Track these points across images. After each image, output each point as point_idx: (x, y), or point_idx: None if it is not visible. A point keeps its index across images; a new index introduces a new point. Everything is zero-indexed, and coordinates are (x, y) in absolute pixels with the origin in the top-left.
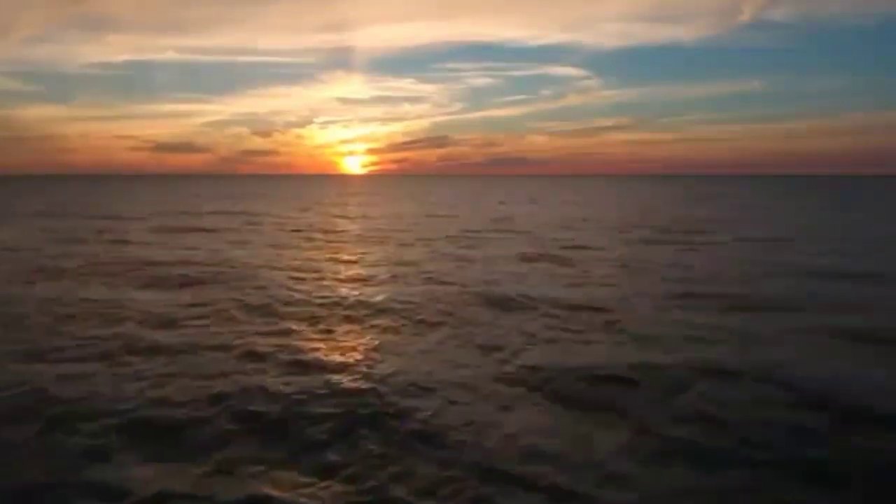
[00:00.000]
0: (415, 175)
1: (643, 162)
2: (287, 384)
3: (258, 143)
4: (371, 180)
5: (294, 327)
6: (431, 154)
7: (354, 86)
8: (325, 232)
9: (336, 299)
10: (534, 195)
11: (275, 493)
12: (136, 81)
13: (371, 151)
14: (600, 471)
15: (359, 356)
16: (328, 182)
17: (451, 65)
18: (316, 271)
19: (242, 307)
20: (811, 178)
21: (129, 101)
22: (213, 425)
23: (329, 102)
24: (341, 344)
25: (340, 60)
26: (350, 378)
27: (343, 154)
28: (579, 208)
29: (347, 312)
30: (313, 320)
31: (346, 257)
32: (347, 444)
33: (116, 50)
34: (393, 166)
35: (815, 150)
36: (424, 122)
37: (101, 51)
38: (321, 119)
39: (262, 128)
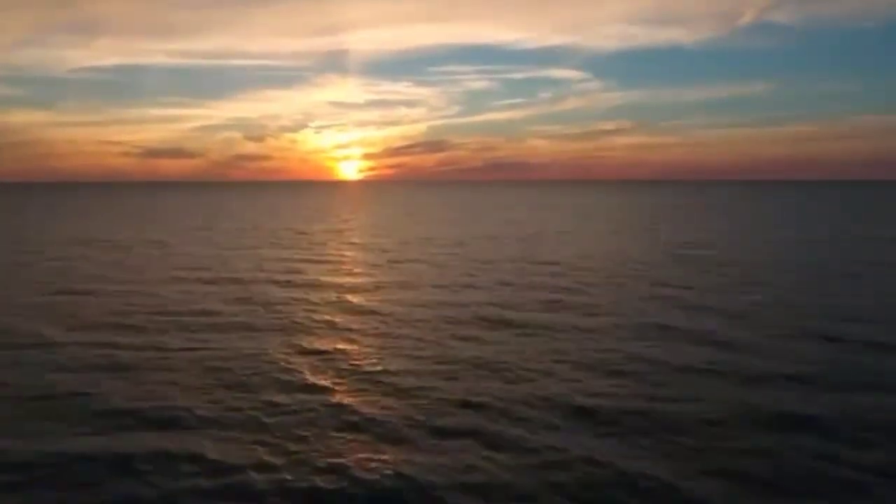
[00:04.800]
0: (414, 181)
1: (649, 166)
2: None
3: (251, 147)
4: (366, 186)
5: None
6: (429, 158)
7: (349, 89)
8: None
9: None
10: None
11: None
12: (124, 86)
13: (367, 156)
14: None
15: None
16: (312, 190)
17: (446, 68)
18: None
19: None
20: (826, 184)
21: (118, 106)
22: None
23: (323, 107)
24: None
25: (334, 64)
26: None
27: (338, 159)
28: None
29: None
30: None
31: None
32: None
33: (105, 54)
34: (390, 171)
35: (819, 155)
36: (421, 126)
37: (89, 55)
38: (316, 123)
39: (255, 132)
